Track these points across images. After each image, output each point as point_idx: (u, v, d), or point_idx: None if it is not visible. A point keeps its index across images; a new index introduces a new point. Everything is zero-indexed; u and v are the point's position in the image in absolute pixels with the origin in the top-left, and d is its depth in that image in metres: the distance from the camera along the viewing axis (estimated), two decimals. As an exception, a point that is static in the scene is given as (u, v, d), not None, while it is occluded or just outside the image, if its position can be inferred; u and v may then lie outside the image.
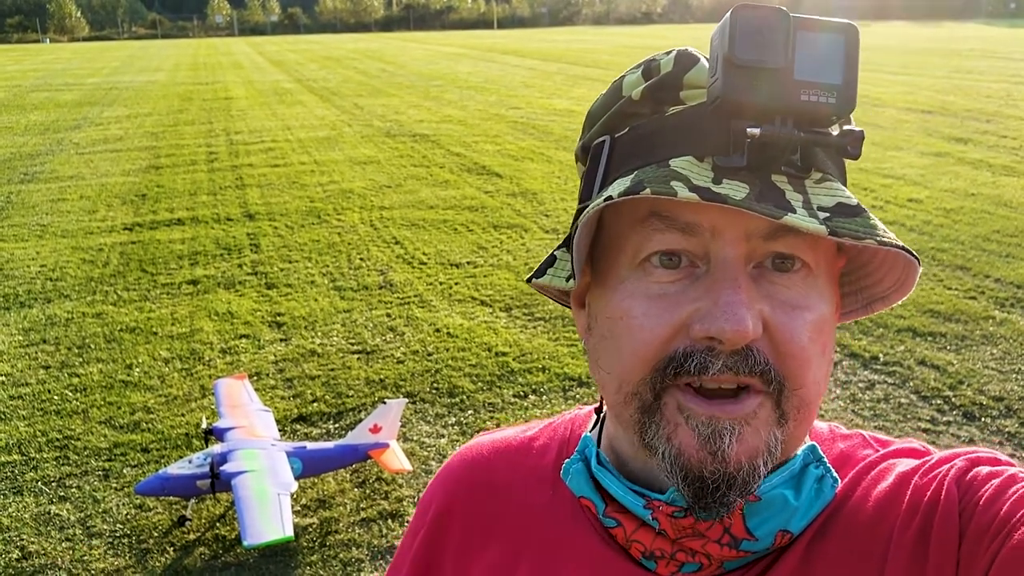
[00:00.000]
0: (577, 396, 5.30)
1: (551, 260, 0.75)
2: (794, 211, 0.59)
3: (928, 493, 0.65)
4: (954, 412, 4.95)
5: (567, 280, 0.73)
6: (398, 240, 8.89)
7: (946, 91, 19.69)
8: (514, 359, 5.86)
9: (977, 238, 8.25)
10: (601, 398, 0.79)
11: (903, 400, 5.10)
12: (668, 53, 0.69)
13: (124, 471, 4.64)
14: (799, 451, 0.69)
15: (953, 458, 0.67)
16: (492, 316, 6.68)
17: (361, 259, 8.27)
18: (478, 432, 4.65)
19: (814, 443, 0.71)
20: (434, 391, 5.45)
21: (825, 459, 0.70)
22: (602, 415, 0.80)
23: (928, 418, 4.90)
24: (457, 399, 5.33)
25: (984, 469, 0.64)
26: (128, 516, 4.24)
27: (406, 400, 4.74)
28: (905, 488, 0.67)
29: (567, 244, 0.73)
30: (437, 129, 16.38)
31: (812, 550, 0.68)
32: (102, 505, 4.33)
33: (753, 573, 0.69)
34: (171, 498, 4.26)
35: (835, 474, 0.69)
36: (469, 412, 5.15)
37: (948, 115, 16.01)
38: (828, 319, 0.66)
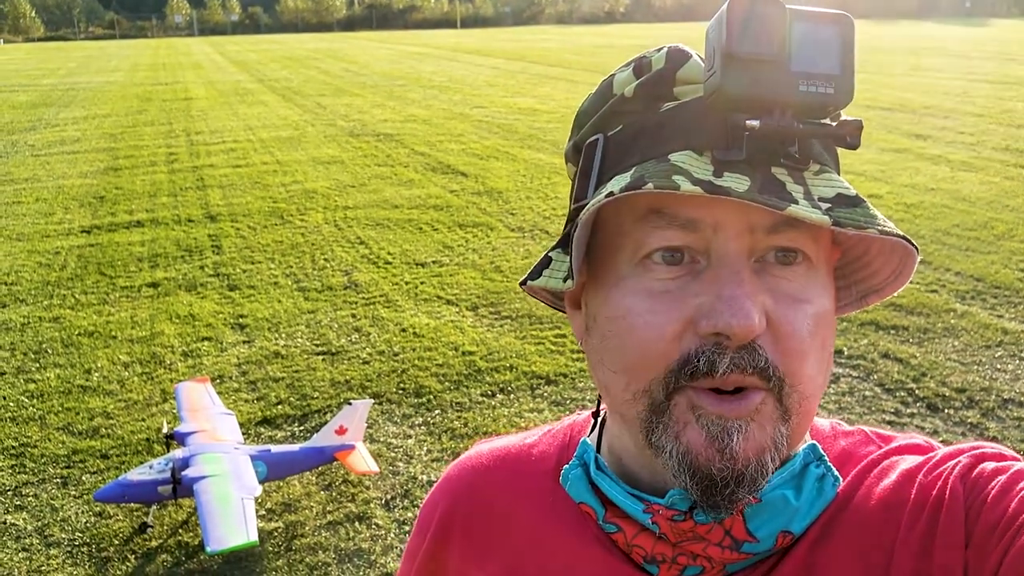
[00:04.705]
0: (545, 394, 5.28)
1: (546, 261, 0.73)
2: (796, 202, 0.58)
3: (933, 492, 0.64)
4: (918, 404, 5.00)
5: (564, 281, 0.71)
6: (363, 240, 8.81)
7: (905, 88, 19.97)
8: (481, 358, 5.82)
9: (937, 232, 8.37)
10: (598, 402, 0.79)
11: (867, 393, 5.14)
12: (659, 50, 0.69)
13: (83, 478, 4.53)
14: (799, 450, 0.69)
15: (958, 454, 0.66)
16: (459, 315, 6.63)
17: (325, 259, 8.18)
18: (445, 432, 4.56)
19: (814, 442, 0.70)
20: (400, 391, 5.40)
21: (826, 458, 0.69)
22: (600, 419, 0.80)
23: (892, 410, 4.94)
24: (424, 399, 5.28)
25: (990, 465, 0.64)
26: (87, 524, 4.13)
27: (372, 401, 4.68)
28: (910, 487, 0.66)
29: (562, 245, 0.72)
30: (401, 128, 16.28)
31: (816, 551, 0.67)
32: (60, 513, 4.22)
33: (756, 575, 0.68)
34: (132, 505, 4.17)
35: (836, 473, 0.69)
36: (436, 412, 5.10)
37: (907, 112, 16.24)
38: (829, 312, 0.65)
